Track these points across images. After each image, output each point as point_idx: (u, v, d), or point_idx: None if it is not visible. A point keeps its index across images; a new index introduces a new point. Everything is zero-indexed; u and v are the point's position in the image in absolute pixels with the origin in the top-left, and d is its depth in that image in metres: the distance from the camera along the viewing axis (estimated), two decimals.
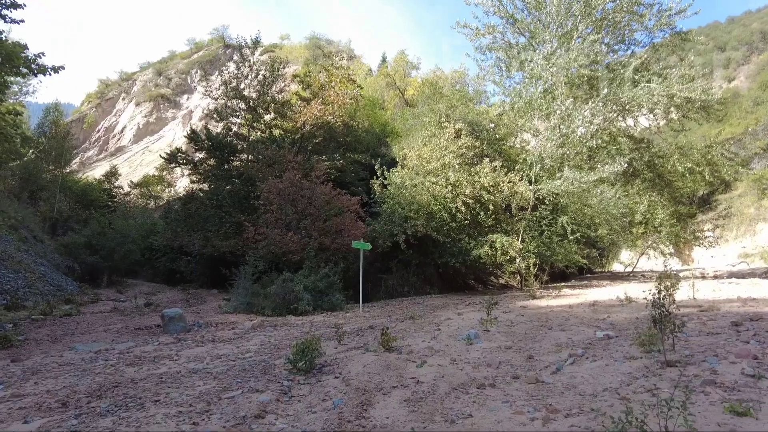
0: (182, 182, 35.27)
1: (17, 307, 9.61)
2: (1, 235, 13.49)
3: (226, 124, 18.27)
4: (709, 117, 14.56)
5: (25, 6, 7.96)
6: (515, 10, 14.61)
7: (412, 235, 12.99)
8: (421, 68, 41.92)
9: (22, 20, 8.02)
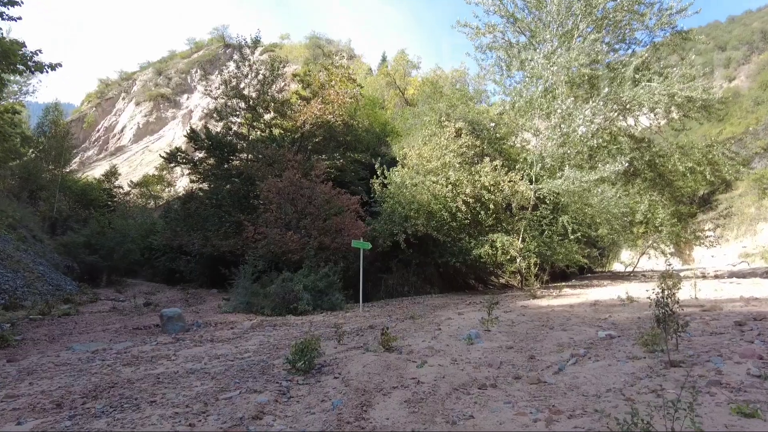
0: (182, 182, 35.23)
1: (15, 307, 9.56)
2: None
3: (226, 124, 18.21)
4: (710, 116, 14.53)
5: (22, 3, 7.94)
6: (516, 9, 14.60)
7: (413, 235, 12.94)
8: (421, 67, 41.86)
9: (19, 17, 7.99)
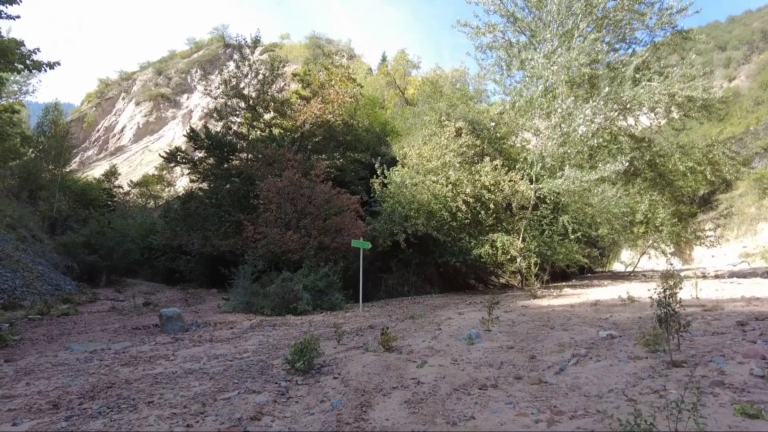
0: (182, 181, 35.21)
1: (14, 307, 9.53)
2: None
3: (226, 123, 18.17)
4: (711, 116, 14.50)
5: (21, 1, 7.90)
6: (516, 9, 14.57)
7: (413, 234, 12.91)
8: (421, 67, 41.85)
9: (18, 16, 7.96)
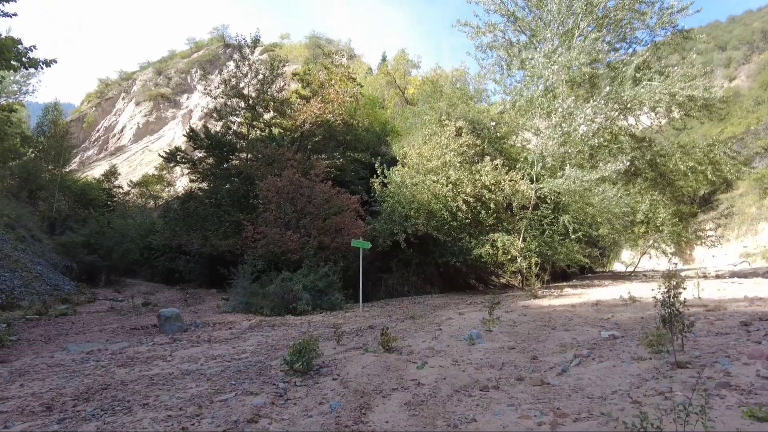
0: (182, 181, 35.14)
1: (12, 307, 9.48)
2: None
3: (226, 123, 18.11)
4: (711, 116, 14.43)
5: None
6: (516, 8, 14.51)
7: (413, 234, 12.85)
8: (421, 67, 41.75)
9: (15, 14, 7.91)
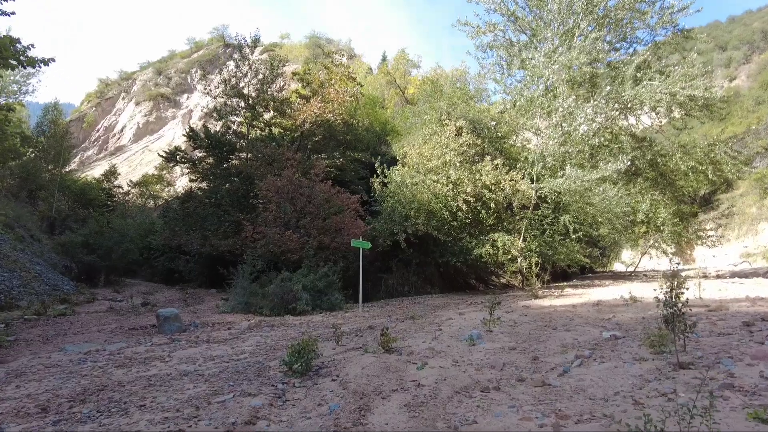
0: (182, 181, 35.10)
1: (10, 307, 9.45)
2: None
3: (225, 123, 18.08)
4: (712, 115, 14.40)
5: None
6: (516, 8, 14.48)
7: (413, 234, 12.82)
8: (421, 67, 41.76)
9: (13, 12, 7.88)
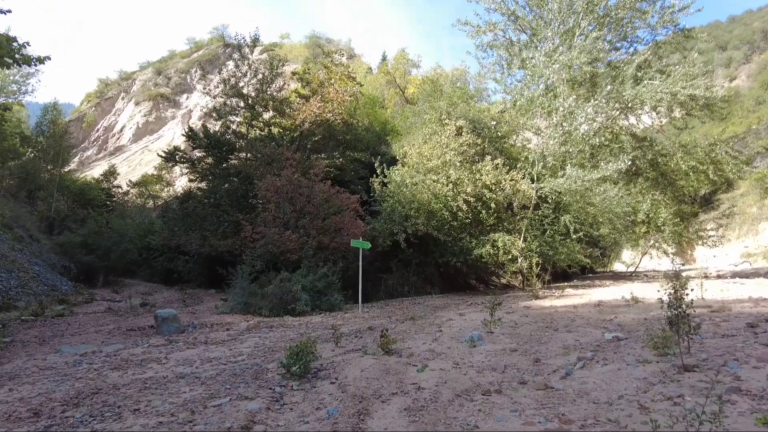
0: (181, 181, 35.01)
1: (8, 308, 9.39)
2: None
3: (225, 123, 18.02)
4: (713, 115, 14.34)
5: None
6: (517, 7, 14.41)
7: (413, 234, 12.76)
8: (421, 66, 41.69)
9: (9, 10, 7.81)
